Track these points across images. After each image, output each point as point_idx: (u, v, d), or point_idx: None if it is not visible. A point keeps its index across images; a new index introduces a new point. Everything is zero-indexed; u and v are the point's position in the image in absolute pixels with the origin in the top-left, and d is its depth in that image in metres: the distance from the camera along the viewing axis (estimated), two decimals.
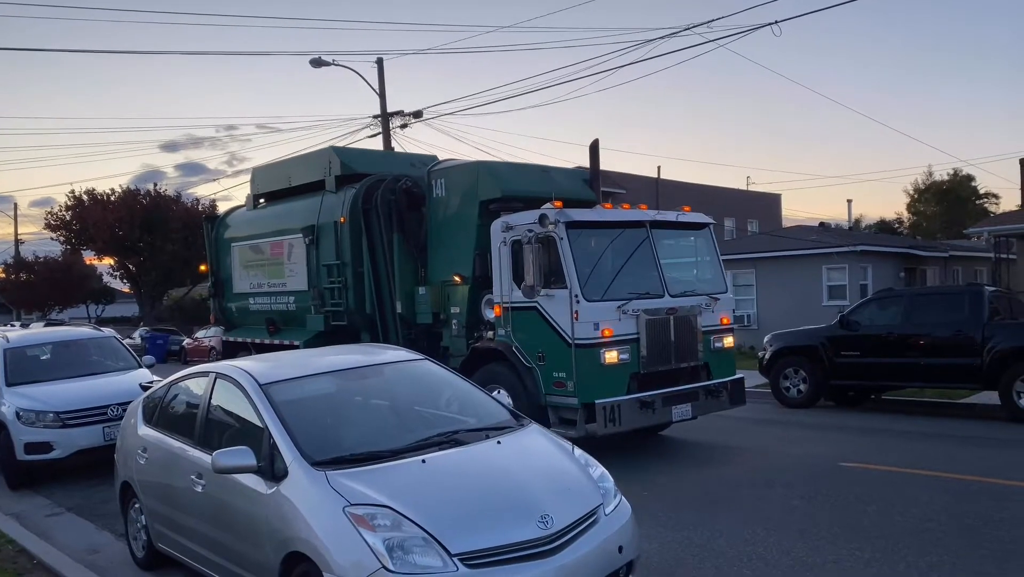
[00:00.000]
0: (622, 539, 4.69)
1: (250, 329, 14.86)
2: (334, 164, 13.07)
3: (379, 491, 4.39)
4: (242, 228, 15.19)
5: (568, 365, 9.17)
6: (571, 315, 9.11)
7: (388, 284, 11.88)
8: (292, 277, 13.66)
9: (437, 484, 4.57)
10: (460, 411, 5.79)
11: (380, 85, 25.31)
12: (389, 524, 4.20)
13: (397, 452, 4.85)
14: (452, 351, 11.05)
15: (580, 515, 4.54)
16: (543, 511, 4.38)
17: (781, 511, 7.47)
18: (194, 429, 5.85)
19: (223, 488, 5.16)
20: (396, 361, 6.28)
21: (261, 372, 5.61)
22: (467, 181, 10.89)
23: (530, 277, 9.29)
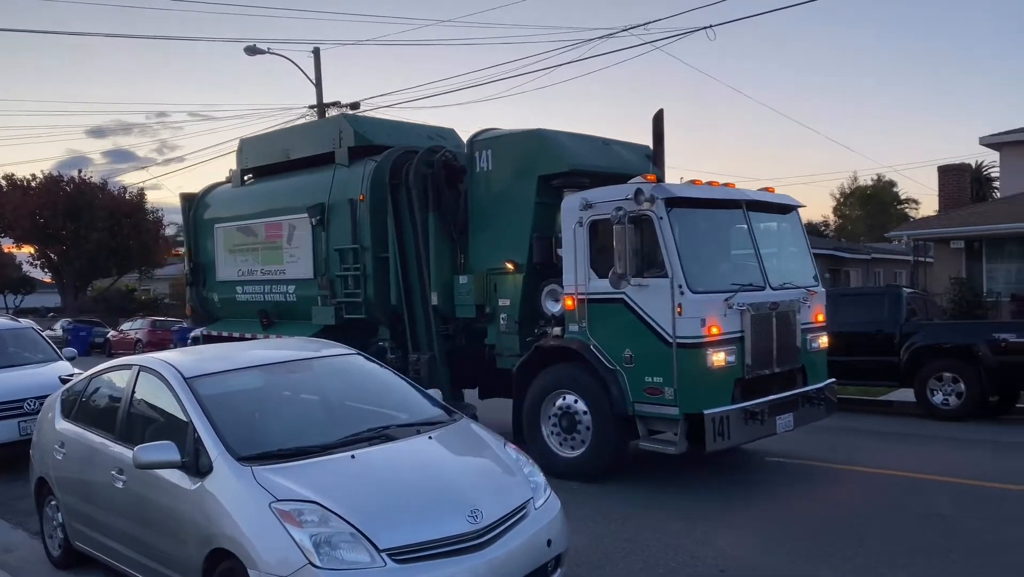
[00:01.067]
0: (551, 533, 4.74)
1: (237, 322, 13.08)
2: (346, 134, 11.42)
3: (306, 486, 4.35)
4: (228, 207, 13.36)
5: (667, 368, 7.78)
6: (672, 309, 7.71)
7: (419, 272, 10.30)
8: (293, 263, 11.95)
9: (366, 479, 4.57)
10: (392, 406, 5.72)
11: (317, 75, 24.98)
12: (316, 520, 4.18)
13: (326, 447, 4.83)
14: (500, 349, 9.56)
15: (510, 509, 4.57)
16: (473, 506, 4.39)
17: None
18: (115, 423, 5.71)
19: (145, 484, 5.05)
20: (327, 356, 6.22)
21: (186, 365, 5.51)
22: (522, 152, 9.39)
23: (620, 264, 7.85)
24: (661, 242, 7.85)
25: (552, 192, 9.23)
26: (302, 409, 5.73)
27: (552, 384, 8.72)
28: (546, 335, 8.94)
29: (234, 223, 13.00)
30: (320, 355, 6.22)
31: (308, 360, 6.11)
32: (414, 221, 10.26)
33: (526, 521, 4.62)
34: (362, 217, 10.83)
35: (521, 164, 9.35)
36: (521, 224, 9.34)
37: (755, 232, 8.64)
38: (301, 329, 11.67)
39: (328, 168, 11.54)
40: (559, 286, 8.85)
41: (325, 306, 11.36)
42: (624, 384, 8.10)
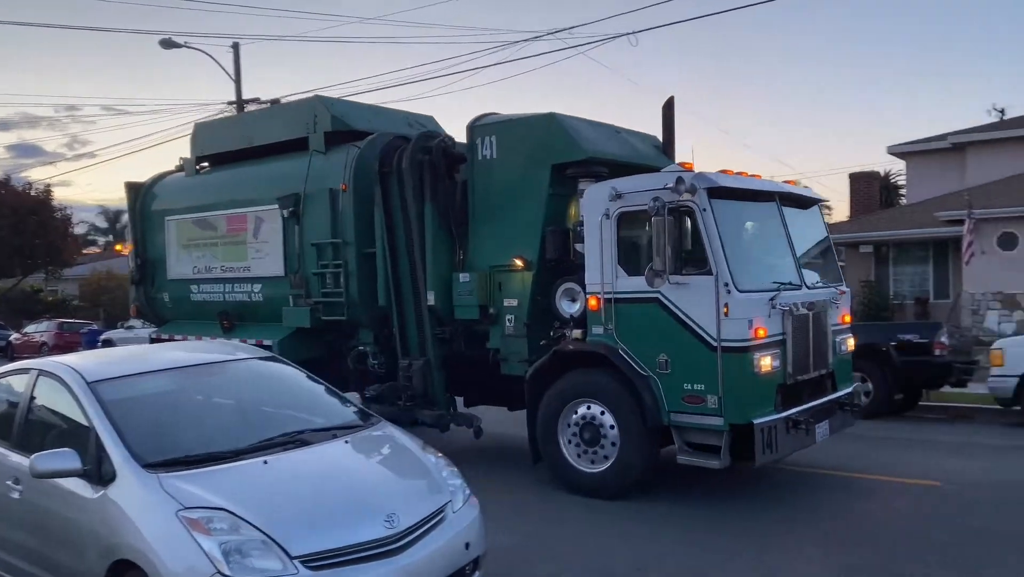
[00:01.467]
0: (469, 536, 4.72)
1: (192, 324, 11.90)
2: (321, 118, 10.43)
3: (216, 493, 4.26)
4: (181, 198, 12.15)
5: (710, 374, 7.11)
6: (717, 309, 7.05)
7: (412, 269, 9.39)
8: (260, 259, 10.87)
9: (279, 485, 4.50)
10: (309, 411, 5.62)
11: (236, 70, 24.60)
12: (226, 527, 4.09)
13: (238, 453, 4.72)
14: (505, 354, 8.74)
15: (427, 513, 4.54)
16: (389, 510, 4.37)
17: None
18: (11, 431, 5.40)
19: (43, 494, 4.82)
20: (242, 358, 6.08)
21: (89, 369, 5.32)
22: (534, 139, 8.59)
23: (659, 260, 7.16)
24: (704, 236, 7.18)
25: (565, 182, 8.49)
26: (214, 414, 5.56)
27: (571, 392, 7.96)
28: (563, 338, 8.17)
29: (189, 215, 11.81)
30: (235, 358, 6.06)
31: (222, 363, 5.95)
32: (406, 213, 9.34)
33: (444, 524, 4.59)
34: (344, 208, 9.86)
35: (532, 151, 8.55)
36: (531, 217, 8.55)
37: (788, 227, 8.08)
38: (268, 332, 10.65)
39: (300, 155, 10.52)
40: (577, 284, 8.11)
41: (298, 307, 10.34)
42: (659, 392, 7.40)
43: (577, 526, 7.11)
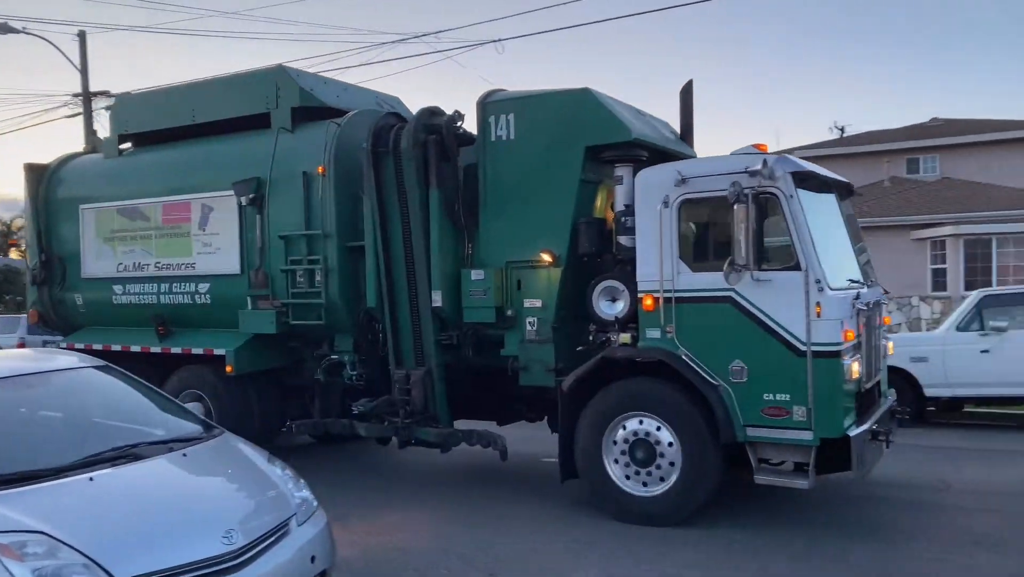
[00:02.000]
0: (315, 549, 4.58)
1: (112, 331, 10.17)
2: (287, 92, 9.02)
3: (32, 515, 3.94)
4: (101, 183, 10.36)
5: (797, 383, 6.29)
6: (807, 309, 6.24)
7: (408, 265, 8.15)
8: (209, 254, 9.31)
9: (106, 504, 4.23)
10: (144, 422, 5.33)
11: (82, 61, 22.45)
12: (42, 552, 3.78)
13: (60, 470, 4.41)
14: (525, 362, 7.64)
15: (270, 527, 4.40)
16: (228, 526, 4.19)
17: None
18: None
19: None
20: (72, 368, 5.74)
21: None
22: (563, 117, 7.53)
23: (741, 253, 6.30)
24: (792, 226, 6.36)
25: (597, 167, 7.53)
26: (38, 428, 5.14)
27: (619, 405, 6.97)
28: (606, 343, 7.17)
29: (112, 204, 10.06)
30: (64, 367, 5.71)
31: (49, 373, 5.54)
32: (404, 201, 8.10)
33: (288, 538, 4.44)
34: (323, 195, 8.50)
35: (560, 131, 7.50)
36: (558, 206, 7.51)
37: (845, 220, 7.43)
38: (219, 339, 9.17)
39: (260, 134, 9.08)
40: (619, 282, 7.14)
41: (260, 310, 8.88)
42: (732, 404, 6.52)
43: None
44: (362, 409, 8.31)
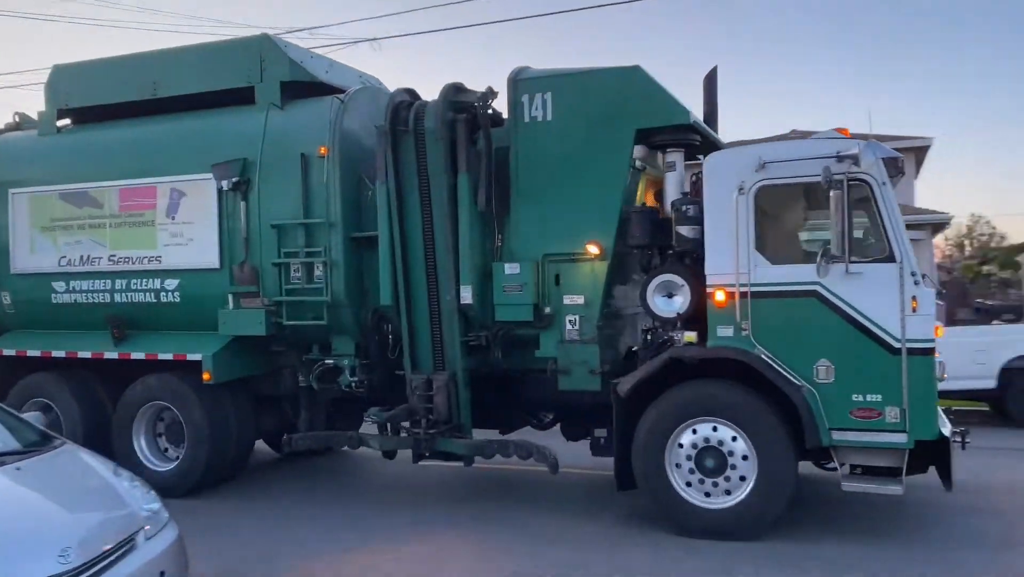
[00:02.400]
0: (165, 564, 4.40)
1: (53, 336, 8.83)
2: (274, 63, 8.05)
3: None
4: (36, 164, 8.98)
5: (891, 382, 5.90)
6: (903, 303, 5.86)
7: (429, 258, 7.34)
8: (180, 246, 8.17)
9: None
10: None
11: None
12: None
13: None
14: (565, 364, 6.98)
15: (114, 543, 4.19)
16: (65, 544, 3.90)
17: None
18: None
19: None
20: None
21: None
22: (609, 97, 6.89)
23: (837, 244, 5.86)
24: (885, 215, 5.97)
25: (647, 152, 6.98)
26: None
27: (687, 409, 6.40)
28: (666, 343, 6.59)
29: (52, 188, 8.72)
30: None
31: None
32: (425, 186, 7.29)
33: (134, 554, 4.23)
34: (327, 179, 7.58)
35: (605, 112, 6.87)
36: (605, 194, 6.88)
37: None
38: (191, 342, 8.10)
39: (242, 111, 8.06)
40: (677, 276, 6.58)
41: (245, 308, 7.84)
42: (816, 405, 6.06)
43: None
44: (377, 419, 7.42)
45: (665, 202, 6.95)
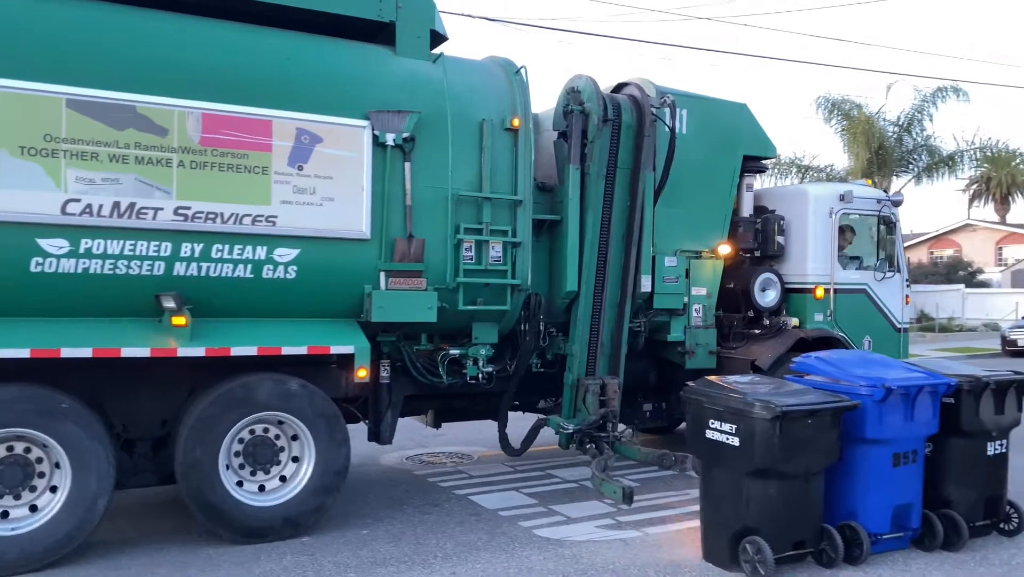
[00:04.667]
0: None
1: (46, 325, 5.58)
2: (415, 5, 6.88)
3: None
4: (20, 40, 5.41)
5: (895, 351, 8.89)
6: (902, 300, 9.03)
7: (604, 248, 7.50)
8: (306, 207, 6.19)
9: None
10: None
11: None
12: None
13: None
14: (690, 346, 8.15)
15: None
16: None
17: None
18: None
19: None
20: None
21: None
22: (726, 124, 8.34)
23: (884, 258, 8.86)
24: (899, 242, 9.06)
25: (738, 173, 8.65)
26: None
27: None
28: (782, 328, 8.38)
29: (54, 89, 5.46)
30: None
31: None
32: (611, 177, 7.45)
33: None
34: (518, 154, 6.97)
35: (724, 137, 8.30)
36: (721, 203, 8.35)
37: None
38: (325, 331, 6.38)
39: (395, 55, 6.72)
40: (772, 274, 8.51)
41: (408, 291, 6.54)
42: None
43: None
44: (569, 429, 7.16)
45: (740, 213, 8.64)
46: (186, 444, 5.85)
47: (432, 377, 7.07)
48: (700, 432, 5.63)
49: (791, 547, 5.36)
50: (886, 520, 5.71)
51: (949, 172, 28.18)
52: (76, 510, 5.54)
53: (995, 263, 48.51)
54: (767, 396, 5.32)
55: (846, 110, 26.87)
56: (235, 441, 6.10)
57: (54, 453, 5.53)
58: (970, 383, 5.94)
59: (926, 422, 5.80)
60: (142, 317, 5.82)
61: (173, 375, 6.13)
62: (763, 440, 5.16)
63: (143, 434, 6.17)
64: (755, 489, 5.28)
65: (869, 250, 8.90)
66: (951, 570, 5.57)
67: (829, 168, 27.83)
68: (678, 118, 7.87)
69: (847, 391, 5.63)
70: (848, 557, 5.53)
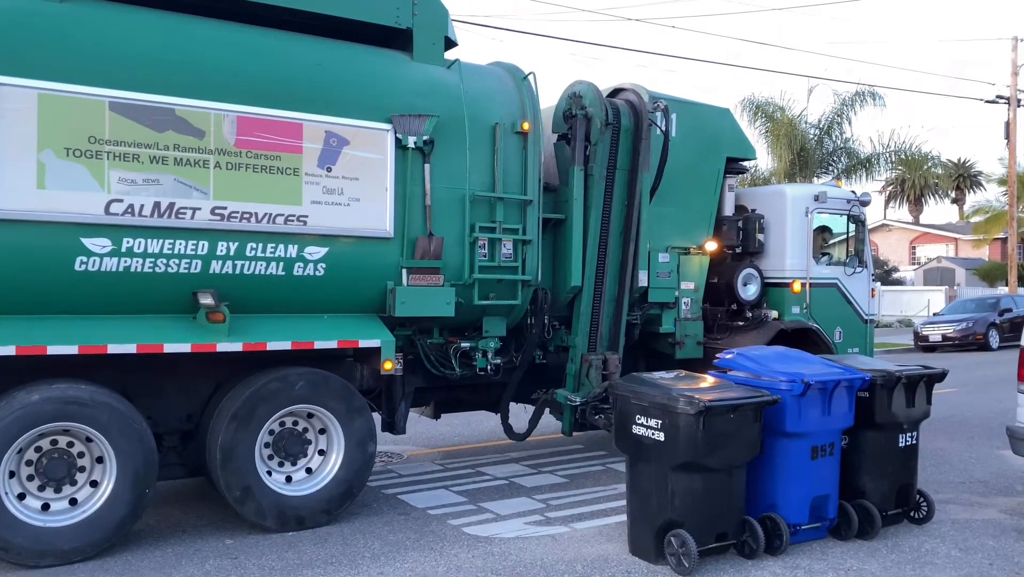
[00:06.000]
0: None
1: (84, 322, 5.75)
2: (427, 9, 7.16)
3: None
4: (65, 44, 5.53)
5: (862, 342, 9.58)
6: (868, 294, 9.67)
7: (604, 244, 7.91)
8: (334, 207, 6.44)
9: None
10: None
11: None
12: None
13: None
14: (680, 337, 8.62)
15: None
16: None
17: None
18: None
19: None
20: None
21: None
22: (710, 128, 8.80)
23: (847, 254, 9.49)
24: (866, 240, 9.71)
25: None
26: None
27: None
28: (763, 320, 8.91)
29: (97, 92, 5.61)
30: None
31: None
32: (611, 177, 7.86)
33: None
34: (527, 156, 7.32)
35: (709, 140, 8.77)
36: (707, 203, 8.84)
37: None
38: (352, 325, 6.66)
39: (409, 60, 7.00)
40: (754, 270, 9.04)
41: (429, 287, 6.84)
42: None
43: None
44: (576, 402, 7.56)
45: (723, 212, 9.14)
46: (224, 434, 6.04)
47: (445, 369, 7.38)
48: (627, 428, 5.68)
49: (715, 539, 5.47)
50: (805, 511, 5.88)
51: (867, 174, 29.16)
52: (119, 503, 5.70)
53: (909, 262, 50.86)
54: (691, 392, 5.41)
55: (769, 112, 27.63)
56: (267, 433, 6.32)
57: (98, 447, 5.68)
58: (883, 378, 6.13)
59: (843, 416, 5.98)
60: (178, 314, 5.99)
61: (199, 370, 6.33)
62: (687, 435, 5.26)
63: (170, 428, 6.34)
64: (680, 483, 5.37)
65: (840, 247, 9.52)
66: (865, 557, 5.77)
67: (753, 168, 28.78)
68: (669, 123, 8.33)
69: (768, 386, 5.75)
70: (769, 548, 5.67)
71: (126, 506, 5.70)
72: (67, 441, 5.67)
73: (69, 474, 5.66)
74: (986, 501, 7.23)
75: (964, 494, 7.46)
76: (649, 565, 5.56)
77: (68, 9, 5.65)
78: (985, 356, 22.10)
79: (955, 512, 6.86)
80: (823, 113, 28.08)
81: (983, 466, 8.58)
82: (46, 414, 5.45)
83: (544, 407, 8.07)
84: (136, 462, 5.71)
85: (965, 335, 23.87)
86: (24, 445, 5.48)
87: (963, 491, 7.57)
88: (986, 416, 11.62)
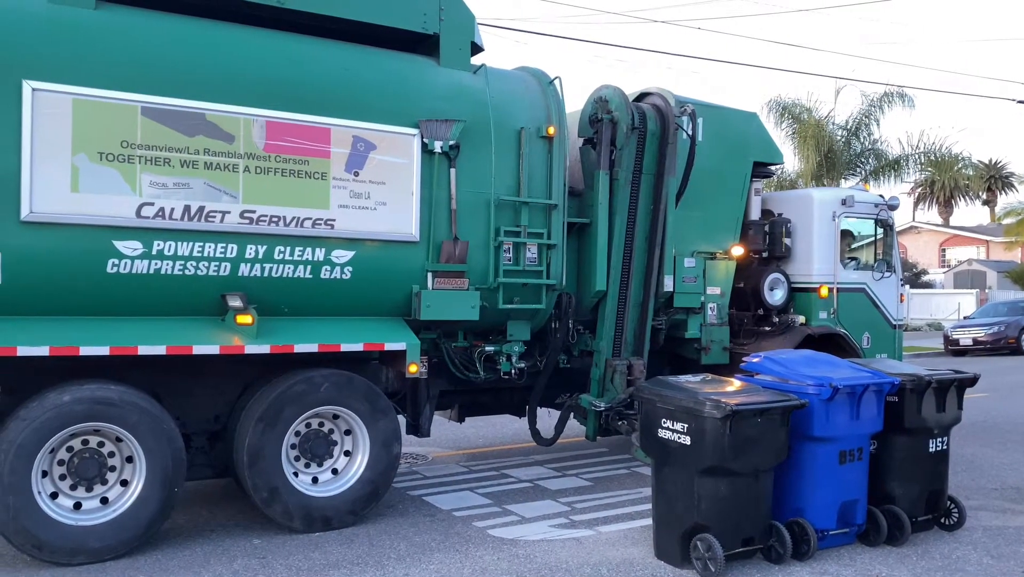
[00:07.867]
0: None
1: (109, 324, 5.83)
2: (454, 14, 7.19)
3: None
4: (97, 50, 5.64)
5: (891, 347, 9.47)
6: (897, 299, 9.57)
7: (629, 250, 7.91)
8: (362, 211, 6.49)
9: None
10: None
11: None
12: None
13: None
14: (706, 343, 8.58)
15: None
16: None
17: None
18: None
19: None
20: None
21: None
22: (737, 133, 8.76)
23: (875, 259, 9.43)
24: (895, 245, 9.61)
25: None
26: None
27: None
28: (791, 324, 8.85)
29: (129, 97, 5.70)
30: None
31: None
32: (636, 182, 7.85)
33: None
34: (552, 159, 7.35)
35: (735, 144, 8.73)
36: (733, 207, 8.79)
37: None
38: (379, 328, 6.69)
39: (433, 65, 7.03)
40: (781, 275, 8.98)
41: (454, 291, 6.87)
42: None
43: None
44: (600, 407, 7.56)
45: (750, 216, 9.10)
46: (251, 436, 6.10)
47: (469, 373, 7.41)
48: (653, 431, 5.66)
49: (741, 544, 5.43)
50: (833, 516, 5.82)
51: (895, 176, 28.85)
52: (148, 502, 5.77)
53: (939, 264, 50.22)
54: (718, 395, 5.37)
55: (796, 114, 27.39)
56: (293, 434, 6.37)
57: (127, 447, 5.76)
58: (913, 382, 6.05)
59: (871, 420, 5.91)
60: (206, 316, 6.07)
61: (227, 371, 6.39)
62: (714, 438, 5.23)
63: (198, 429, 6.42)
64: (706, 487, 5.33)
65: (867, 251, 9.43)
66: (894, 564, 5.71)
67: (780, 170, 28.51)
68: (695, 128, 8.31)
69: (795, 390, 5.70)
70: (796, 553, 5.62)
71: (155, 505, 5.77)
72: (98, 441, 5.76)
73: (100, 473, 5.75)
74: (1019, 508, 7.13)
75: (996, 501, 7.36)
76: (675, 569, 5.55)
77: (101, 16, 5.74)
78: (1018, 360, 21.79)
79: (987, 519, 6.77)
80: (851, 114, 27.78)
81: (1016, 472, 8.46)
82: (77, 414, 5.54)
83: (569, 412, 8.07)
84: (165, 462, 5.79)
85: (997, 339, 23.54)
86: (56, 445, 5.57)
87: (995, 497, 7.47)
88: (1019, 421, 11.47)
